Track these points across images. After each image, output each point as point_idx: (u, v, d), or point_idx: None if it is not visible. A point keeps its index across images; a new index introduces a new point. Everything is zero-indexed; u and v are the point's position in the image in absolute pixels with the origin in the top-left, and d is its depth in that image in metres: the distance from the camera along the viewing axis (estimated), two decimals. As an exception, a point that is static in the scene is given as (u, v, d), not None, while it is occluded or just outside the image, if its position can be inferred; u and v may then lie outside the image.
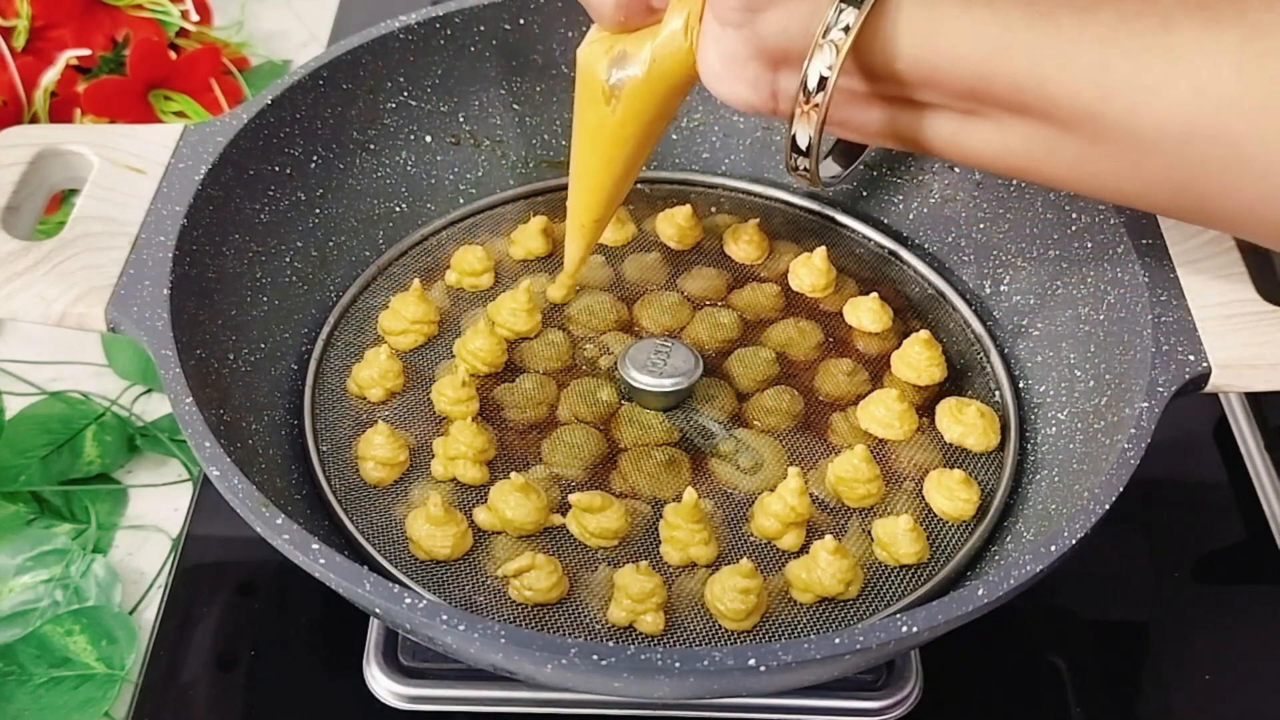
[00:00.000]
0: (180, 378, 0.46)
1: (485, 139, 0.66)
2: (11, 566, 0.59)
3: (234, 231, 0.56)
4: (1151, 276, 0.52)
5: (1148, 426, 0.47)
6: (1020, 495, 0.54)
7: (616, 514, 0.51)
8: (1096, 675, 0.57)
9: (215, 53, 0.82)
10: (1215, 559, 0.63)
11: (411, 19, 0.61)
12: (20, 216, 0.53)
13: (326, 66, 0.59)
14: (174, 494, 0.63)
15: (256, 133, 0.57)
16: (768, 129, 0.68)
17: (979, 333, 0.61)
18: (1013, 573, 0.42)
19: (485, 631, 0.39)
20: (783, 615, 0.50)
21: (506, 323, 0.58)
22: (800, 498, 0.51)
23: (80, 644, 0.55)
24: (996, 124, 0.43)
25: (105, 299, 0.49)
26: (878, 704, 0.53)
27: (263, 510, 0.43)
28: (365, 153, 0.63)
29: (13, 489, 0.61)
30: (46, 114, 0.76)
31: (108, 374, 0.68)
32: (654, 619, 0.48)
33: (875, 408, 0.56)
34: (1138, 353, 0.50)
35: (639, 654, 0.39)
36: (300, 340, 0.58)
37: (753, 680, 0.43)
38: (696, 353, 0.57)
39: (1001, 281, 0.62)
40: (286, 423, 0.55)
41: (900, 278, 0.64)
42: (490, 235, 0.64)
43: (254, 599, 0.58)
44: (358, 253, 0.62)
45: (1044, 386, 0.57)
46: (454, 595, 0.50)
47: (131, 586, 0.59)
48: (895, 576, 0.51)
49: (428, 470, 0.54)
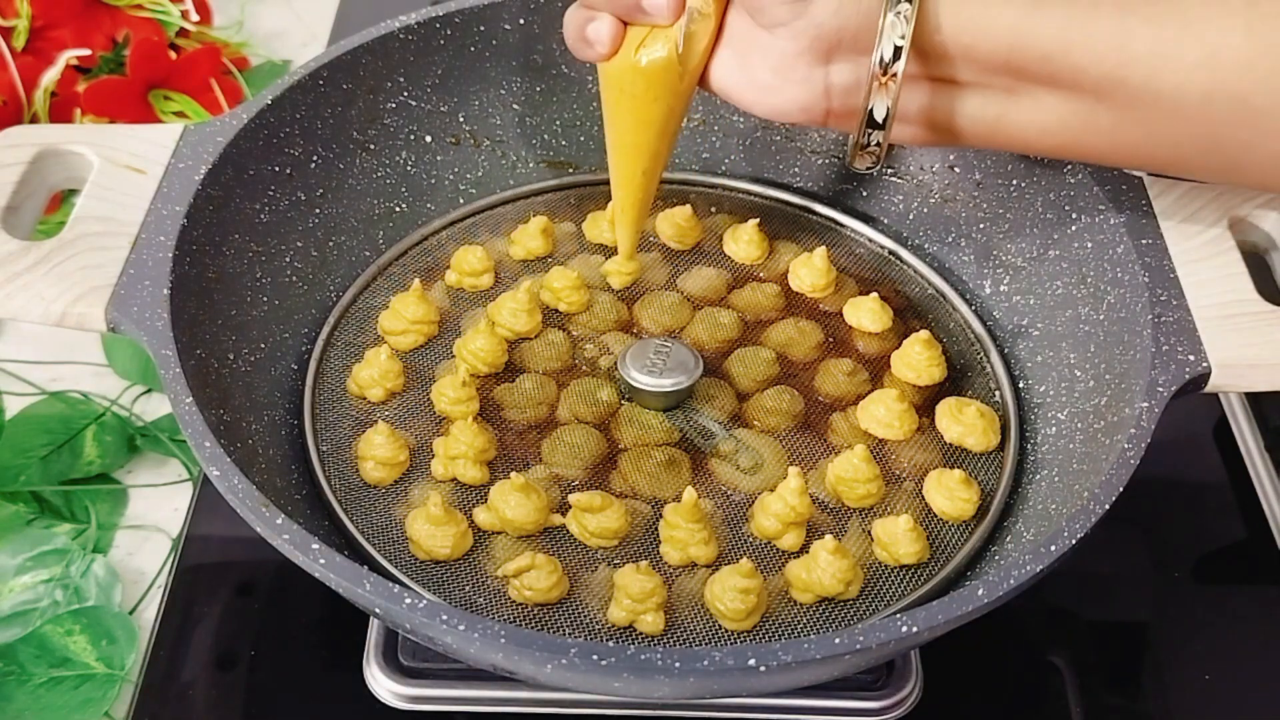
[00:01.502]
0: (180, 378, 0.46)
1: (485, 139, 0.66)
2: (11, 566, 0.59)
3: (234, 231, 0.56)
4: (1151, 276, 0.52)
5: (1148, 426, 0.47)
6: (1020, 495, 0.54)
7: (616, 514, 0.51)
8: (1096, 675, 0.57)
9: (215, 53, 0.82)
10: (1215, 559, 0.63)
11: (411, 19, 0.61)
12: (20, 216, 0.53)
13: (326, 66, 0.59)
14: (174, 494, 0.63)
15: (256, 133, 0.57)
16: (768, 129, 0.68)
17: (979, 333, 0.61)
18: (1013, 573, 0.42)
19: (485, 631, 0.39)
20: (783, 615, 0.50)
21: (506, 323, 0.58)
22: (800, 498, 0.51)
23: (80, 644, 0.55)
24: (1034, 101, 0.45)
25: (105, 299, 0.49)
26: (878, 704, 0.53)
27: (263, 510, 0.43)
28: (365, 153, 0.63)
29: (13, 489, 0.61)
30: (46, 114, 0.76)
31: (108, 374, 0.68)
32: (654, 619, 0.48)
33: (875, 408, 0.56)
34: (1138, 353, 0.50)
35: (639, 654, 0.39)
36: (300, 340, 0.58)
37: (753, 680, 0.43)
38: (696, 353, 0.57)
39: (1001, 281, 0.62)
40: (286, 423, 0.55)
41: (900, 278, 0.64)
42: (490, 235, 0.64)
43: (254, 599, 0.58)
44: (358, 253, 0.62)
45: (1044, 386, 0.57)
46: (454, 595, 0.50)
47: (131, 586, 0.59)
48: (895, 576, 0.51)
49: (428, 470, 0.54)
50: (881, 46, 0.43)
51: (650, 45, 0.49)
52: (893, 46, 0.43)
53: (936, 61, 0.45)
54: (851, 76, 0.46)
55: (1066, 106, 0.44)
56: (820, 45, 0.45)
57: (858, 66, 0.45)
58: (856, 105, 0.46)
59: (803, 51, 0.45)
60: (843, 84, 0.46)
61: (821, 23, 0.44)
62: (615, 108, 0.51)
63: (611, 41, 0.49)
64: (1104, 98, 0.43)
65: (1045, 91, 0.44)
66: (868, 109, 0.45)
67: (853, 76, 0.46)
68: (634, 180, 0.54)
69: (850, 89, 0.46)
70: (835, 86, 0.46)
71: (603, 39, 0.49)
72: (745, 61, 0.47)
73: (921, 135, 0.48)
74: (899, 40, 0.43)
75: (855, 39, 0.44)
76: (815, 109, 0.47)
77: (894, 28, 0.43)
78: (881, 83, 0.44)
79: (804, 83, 0.46)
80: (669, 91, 0.50)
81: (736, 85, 0.48)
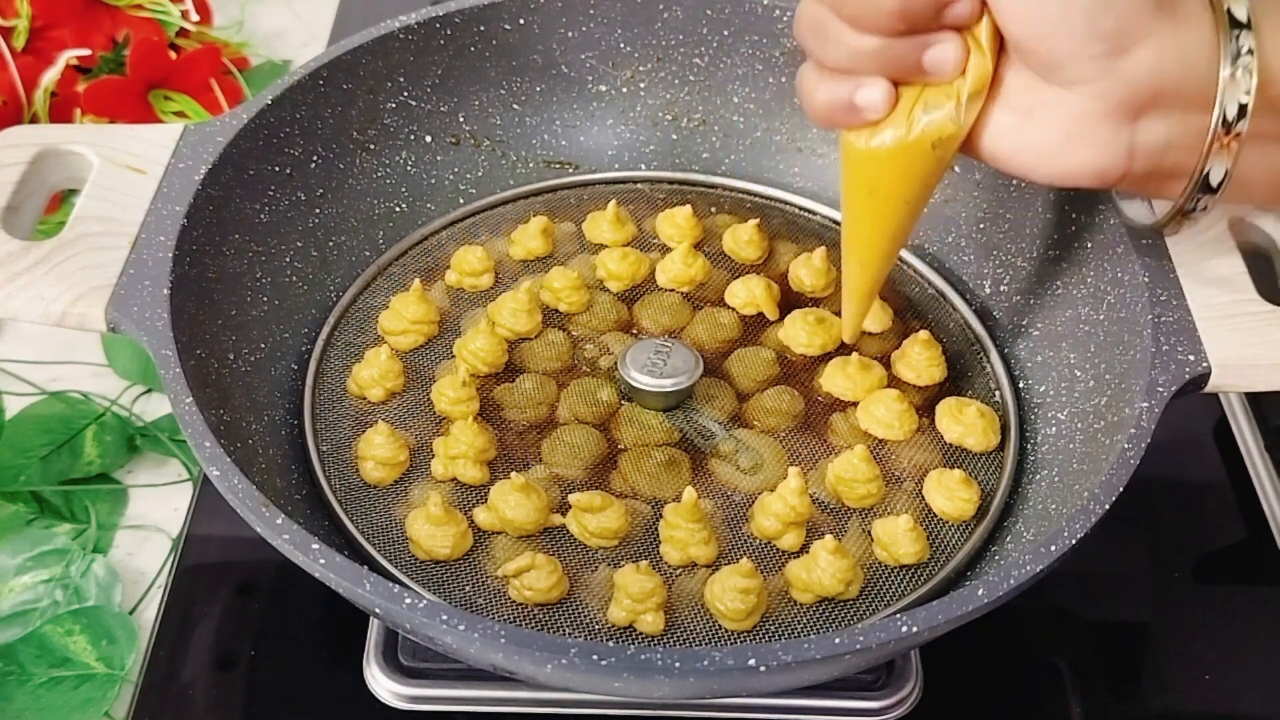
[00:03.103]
0: (180, 378, 0.46)
1: (485, 139, 0.66)
2: (11, 566, 0.59)
3: (234, 231, 0.56)
4: (1151, 276, 0.52)
5: (1148, 426, 0.47)
6: (1020, 495, 0.54)
7: (616, 514, 0.51)
8: (1097, 675, 0.57)
9: (215, 53, 0.82)
10: (1215, 559, 0.63)
11: (411, 19, 0.61)
12: (20, 216, 0.53)
13: (326, 66, 0.59)
14: (174, 494, 0.63)
15: (256, 133, 0.57)
16: (768, 129, 0.68)
17: (979, 333, 0.61)
18: (1013, 573, 0.42)
19: (485, 631, 0.39)
20: (783, 615, 0.50)
21: (507, 323, 0.58)
22: (800, 498, 0.51)
23: (80, 644, 0.55)
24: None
25: (105, 299, 0.49)
26: (878, 704, 0.53)
27: (263, 510, 0.43)
28: (365, 153, 0.63)
29: (13, 489, 0.61)
30: (46, 114, 0.76)
31: (108, 374, 0.68)
32: (654, 619, 0.48)
33: (875, 408, 0.56)
34: (1138, 353, 0.50)
35: (639, 654, 0.39)
36: (300, 340, 0.58)
37: (753, 680, 0.43)
38: (696, 353, 0.57)
39: (1001, 281, 0.62)
40: (286, 423, 0.55)
41: (900, 278, 0.64)
42: (490, 235, 0.64)
43: (254, 599, 0.58)
44: (358, 253, 0.62)
45: (1044, 386, 0.57)
46: (454, 595, 0.50)
47: (131, 586, 0.59)
48: (895, 576, 0.51)
49: (428, 470, 0.54)
50: (1225, 104, 0.39)
51: (932, 108, 0.42)
52: (1237, 105, 0.39)
53: (1265, 117, 0.40)
54: (1161, 137, 0.40)
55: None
56: (1131, 103, 0.39)
57: (1173, 124, 0.40)
58: (1164, 166, 0.41)
59: (1109, 111, 0.39)
60: (1150, 144, 0.41)
61: (1135, 78, 0.39)
62: (878, 186, 0.45)
63: (887, 107, 0.42)
64: None
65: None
66: (1204, 172, 0.41)
67: (1163, 137, 0.40)
68: (883, 263, 0.49)
69: (1159, 150, 0.41)
70: (1141, 147, 0.41)
71: (878, 105, 0.42)
72: (1026, 121, 0.41)
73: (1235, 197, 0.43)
74: (1244, 97, 0.39)
75: (1175, 93, 0.39)
76: (1113, 172, 0.41)
77: (1238, 84, 0.39)
78: (1224, 144, 0.40)
79: (1104, 144, 0.40)
80: (941, 165, 0.43)
81: (1011, 149, 0.42)
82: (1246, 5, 0.39)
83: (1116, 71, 0.39)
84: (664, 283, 0.62)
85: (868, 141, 0.43)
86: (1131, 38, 0.38)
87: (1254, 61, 0.38)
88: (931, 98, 0.42)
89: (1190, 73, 0.39)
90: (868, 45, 0.41)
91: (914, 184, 0.45)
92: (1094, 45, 0.38)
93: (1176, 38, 0.39)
